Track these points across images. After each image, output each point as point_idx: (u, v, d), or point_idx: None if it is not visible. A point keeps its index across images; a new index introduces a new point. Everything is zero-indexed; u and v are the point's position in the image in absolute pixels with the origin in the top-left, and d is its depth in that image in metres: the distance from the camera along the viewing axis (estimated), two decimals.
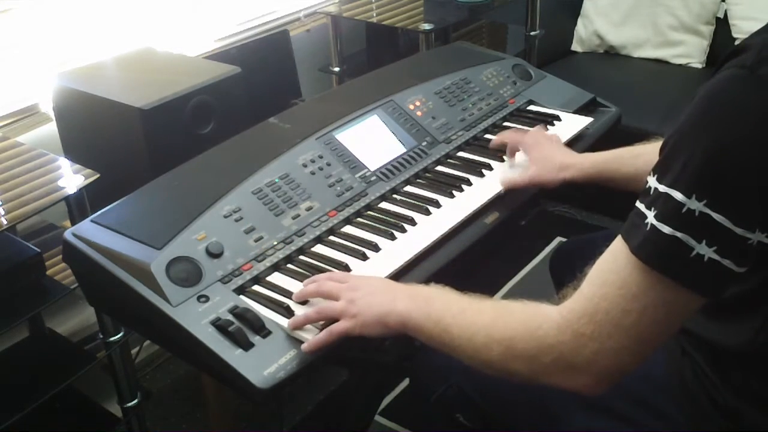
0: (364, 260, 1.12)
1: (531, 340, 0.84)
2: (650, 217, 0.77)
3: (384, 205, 1.27)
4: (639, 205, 0.80)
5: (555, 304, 0.86)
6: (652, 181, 0.79)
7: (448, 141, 1.44)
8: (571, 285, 0.85)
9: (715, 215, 0.74)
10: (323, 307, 0.99)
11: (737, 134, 0.73)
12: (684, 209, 0.75)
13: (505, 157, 1.39)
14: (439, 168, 1.39)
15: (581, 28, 2.89)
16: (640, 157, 1.23)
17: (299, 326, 0.98)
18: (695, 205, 0.74)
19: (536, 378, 0.86)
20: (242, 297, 1.03)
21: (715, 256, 0.75)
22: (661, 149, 0.80)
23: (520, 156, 1.37)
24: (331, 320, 0.98)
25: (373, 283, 1.02)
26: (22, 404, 1.35)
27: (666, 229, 0.76)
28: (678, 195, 0.75)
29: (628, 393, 1.02)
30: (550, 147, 1.33)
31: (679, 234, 0.75)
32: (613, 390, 0.97)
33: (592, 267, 0.84)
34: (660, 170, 0.78)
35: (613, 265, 0.81)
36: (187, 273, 1.02)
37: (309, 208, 1.20)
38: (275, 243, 1.12)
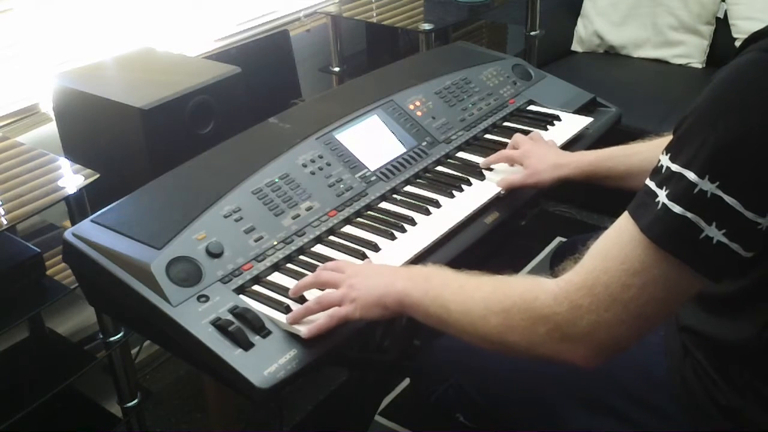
0: (364, 260, 1.12)
1: (528, 310, 0.84)
2: (661, 195, 0.77)
3: (384, 205, 1.27)
4: (649, 183, 0.80)
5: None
6: (665, 160, 0.79)
7: (448, 141, 1.44)
8: (572, 258, 0.86)
9: (726, 198, 0.74)
10: (322, 296, 0.99)
11: (755, 118, 0.73)
12: (696, 190, 0.75)
13: None
14: (439, 168, 1.39)
15: (581, 28, 2.89)
16: (635, 155, 1.23)
17: (298, 319, 0.98)
18: (708, 186, 0.74)
19: (533, 349, 0.85)
20: (242, 297, 1.03)
21: (724, 239, 0.75)
22: (676, 129, 0.80)
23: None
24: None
25: (372, 268, 1.04)
26: (22, 404, 1.35)
27: (677, 209, 0.76)
28: (691, 175, 0.75)
29: (629, 392, 1.02)
30: (542, 149, 1.34)
31: (689, 214, 0.75)
32: (613, 389, 0.97)
33: (594, 242, 0.84)
34: (674, 150, 0.78)
35: (617, 240, 0.81)
36: (187, 273, 1.02)
37: (309, 208, 1.20)
38: (275, 243, 1.12)
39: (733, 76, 0.77)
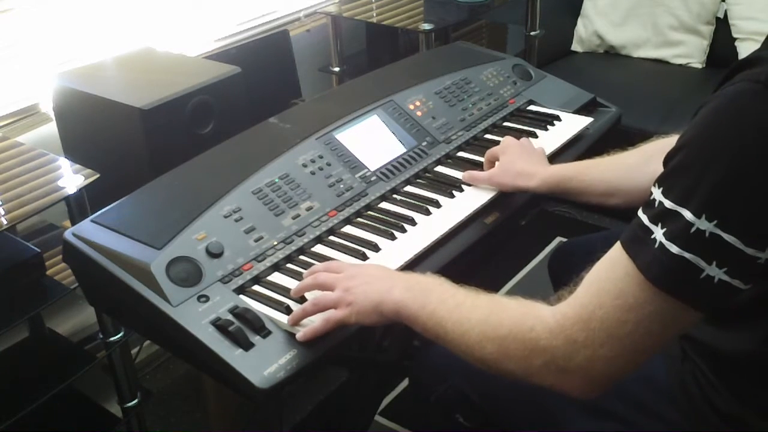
0: (364, 260, 1.12)
1: (523, 341, 0.83)
2: (658, 233, 0.75)
3: (384, 205, 1.27)
4: (642, 216, 0.78)
5: (551, 304, 0.86)
6: (657, 194, 0.76)
7: (448, 141, 1.44)
8: (567, 288, 0.84)
9: (725, 236, 0.72)
10: (319, 298, 0.98)
11: (751, 153, 0.71)
12: (693, 229, 0.73)
13: None
14: (439, 168, 1.39)
15: (581, 28, 2.89)
16: (595, 167, 1.23)
17: (297, 321, 0.98)
18: (705, 225, 0.72)
19: (529, 378, 0.85)
20: (242, 297, 1.03)
21: (725, 277, 0.73)
22: (666, 161, 0.78)
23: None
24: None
25: (370, 272, 1.01)
26: (22, 404, 1.35)
27: (674, 249, 0.74)
28: (687, 214, 0.73)
29: (629, 396, 1.02)
30: (516, 154, 1.30)
31: (687, 254, 0.73)
32: (613, 393, 0.97)
33: (588, 271, 0.83)
34: (666, 184, 0.76)
35: (611, 274, 0.79)
36: (187, 273, 1.02)
37: (309, 208, 1.20)
38: (275, 243, 1.12)
39: (723, 108, 0.74)
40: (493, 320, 0.87)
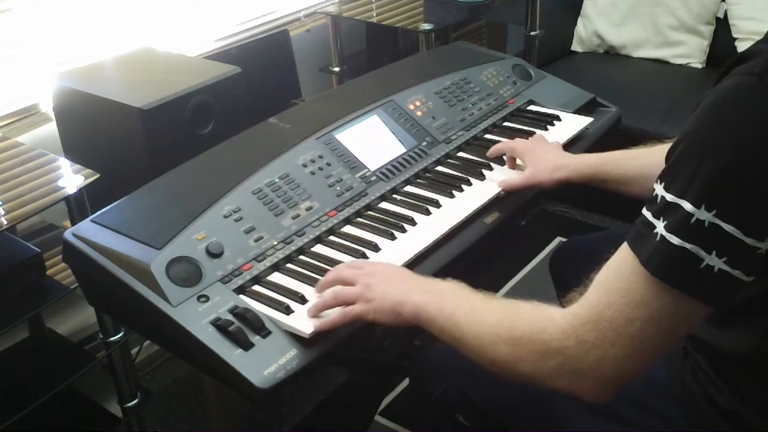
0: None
1: (536, 343, 0.84)
2: (659, 227, 0.76)
3: (384, 205, 1.27)
4: (646, 213, 0.79)
5: (558, 305, 0.86)
6: (660, 190, 0.78)
7: (448, 141, 1.44)
8: (578, 290, 0.85)
9: (725, 226, 0.73)
10: (339, 291, 1.00)
11: (747, 143, 0.72)
12: (693, 220, 0.74)
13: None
14: (439, 168, 1.39)
15: (581, 28, 2.89)
16: (635, 159, 1.23)
17: (316, 312, 0.99)
18: (705, 215, 0.73)
19: (541, 380, 0.86)
20: (242, 297, 1.03)
21: (725, 267, 0.74)
22: (668, 156, 0.79)
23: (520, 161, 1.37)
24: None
25: (390, 271, 1.03)
26: (22, 404, 1.35)
27: (675, 240, 0.75)
28: (687, 205, 0.74)
29: (630, 395, 1.01)
30: (544, 149, 1.33)
31: (688, 245, 0.74)
32: None
33: (598, 272, 0.84)
34: (667, 179, 0.77)
35: (618, 273, 0.80)
36: (187, 273, 1.03)
37: (309, 208, 1.20)
38: (275, 243, 1.13)
39: (719, 100, 0.75)
40: (507, 323, 0.88)
